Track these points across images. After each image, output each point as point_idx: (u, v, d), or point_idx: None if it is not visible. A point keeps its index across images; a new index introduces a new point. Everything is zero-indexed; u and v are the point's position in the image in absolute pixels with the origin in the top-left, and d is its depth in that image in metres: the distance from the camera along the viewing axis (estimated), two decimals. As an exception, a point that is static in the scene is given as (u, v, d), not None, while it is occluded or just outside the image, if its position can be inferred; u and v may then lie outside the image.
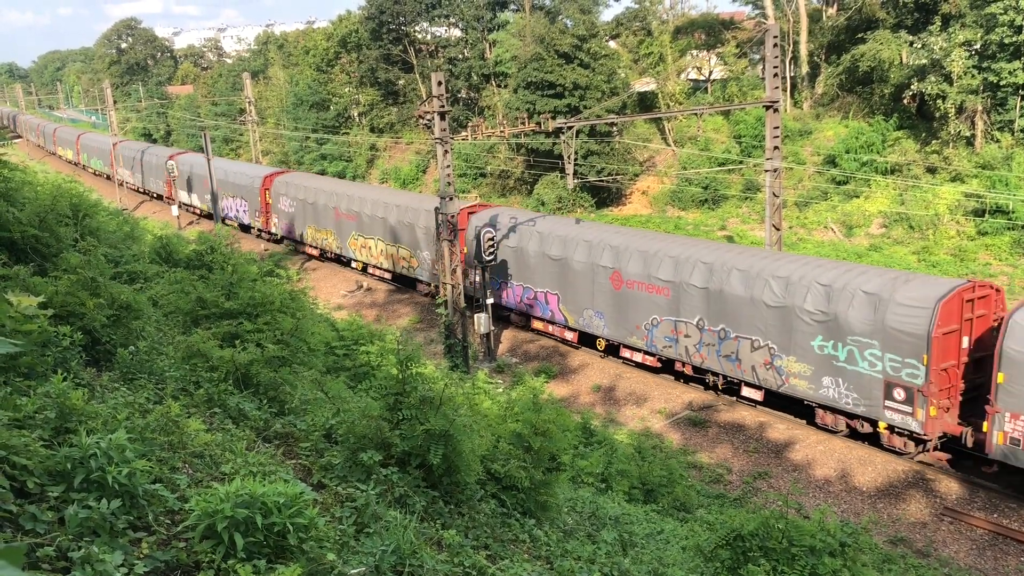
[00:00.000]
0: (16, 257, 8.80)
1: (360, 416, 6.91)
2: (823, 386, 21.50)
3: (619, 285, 26.67)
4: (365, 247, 39.70)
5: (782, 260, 23.58)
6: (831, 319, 20.94)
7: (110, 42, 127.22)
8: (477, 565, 5.75)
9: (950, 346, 19.55)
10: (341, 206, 40.67)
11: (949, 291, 19.54)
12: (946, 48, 38.28)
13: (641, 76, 58.01)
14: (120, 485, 4.23)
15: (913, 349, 19.42)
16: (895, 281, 20.64)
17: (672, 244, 26.56)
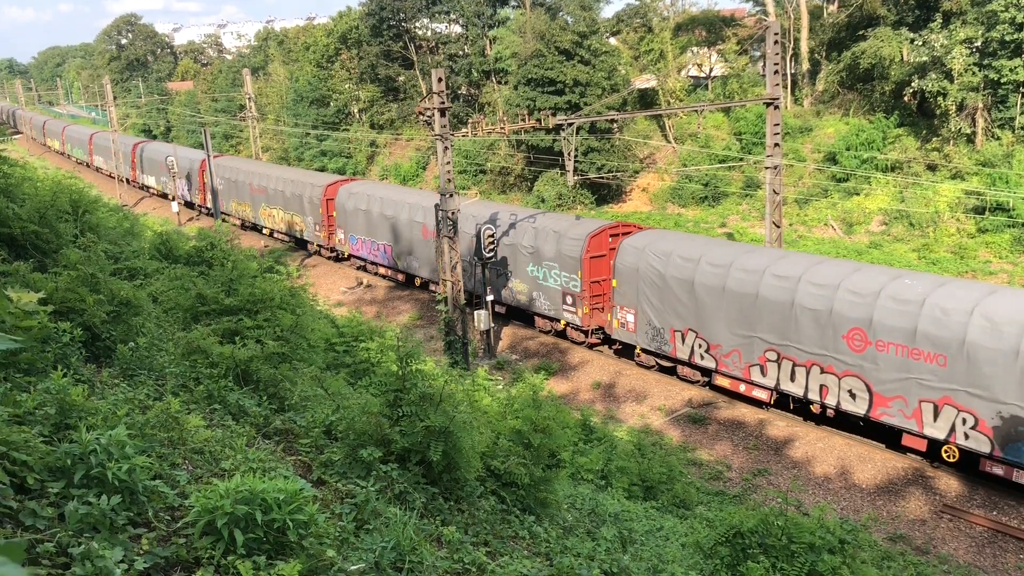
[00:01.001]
0: (16, 253, 8.80)
1: (360, 413, 6.91)
2: (535, 299, 30.64)
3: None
4: (271, 216, 47.86)
5: (535, 216, 32.39)
6: (536, 251, 30.13)
7: (110, 38, 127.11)
8: (477, 562, 5.76)
9: (599, 266, 28.15)
10: (254, 183, 48.72)
11: (598, 228, 28.80)
12: (947, 45, 38.24)
13: (642, 73, 57.96)
14: (120, 481, 4.23)
15: (574, 268, 28.51)
16: (569, 221, 30.42)
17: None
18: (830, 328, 21.13)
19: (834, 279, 21.49)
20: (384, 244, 38.41)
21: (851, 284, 21.08)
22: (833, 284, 21.34)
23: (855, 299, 20.72)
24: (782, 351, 22.41)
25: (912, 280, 20.78)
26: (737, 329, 23.58)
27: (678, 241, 27.06)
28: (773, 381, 22.91)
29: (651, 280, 25.95)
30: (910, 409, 19.80)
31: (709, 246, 26.24)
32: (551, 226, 30.20)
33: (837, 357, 21.06)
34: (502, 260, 31.38)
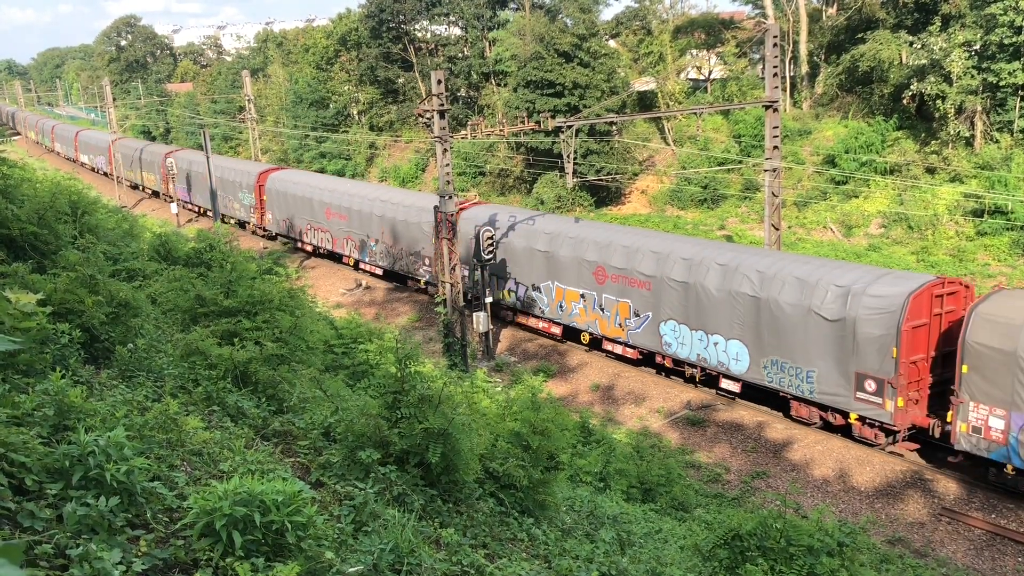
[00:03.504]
0: (15, 254, 8.80)
1: (359, 414, 6.91)
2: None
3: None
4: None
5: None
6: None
7: (109, 39, 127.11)
8: (475, 564, 5.75)
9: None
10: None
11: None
12: (946, 48, 38.28)
13: (641, 75, 58.00)
14: (118, 483, 4.23)
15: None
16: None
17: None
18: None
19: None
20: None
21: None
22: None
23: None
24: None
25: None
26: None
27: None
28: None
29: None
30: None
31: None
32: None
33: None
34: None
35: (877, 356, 20.13)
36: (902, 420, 20.20)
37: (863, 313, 20.28)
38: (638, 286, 26.09)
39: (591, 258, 27.39)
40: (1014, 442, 18.08)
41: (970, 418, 18.87)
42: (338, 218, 41.39)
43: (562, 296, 28.84)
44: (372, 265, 39.64)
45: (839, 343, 20.90)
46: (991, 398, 18.38)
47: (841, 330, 20.80)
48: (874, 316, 20.12)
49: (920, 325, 19.96)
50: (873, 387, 20.41)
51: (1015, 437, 18.04)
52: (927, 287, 20.10)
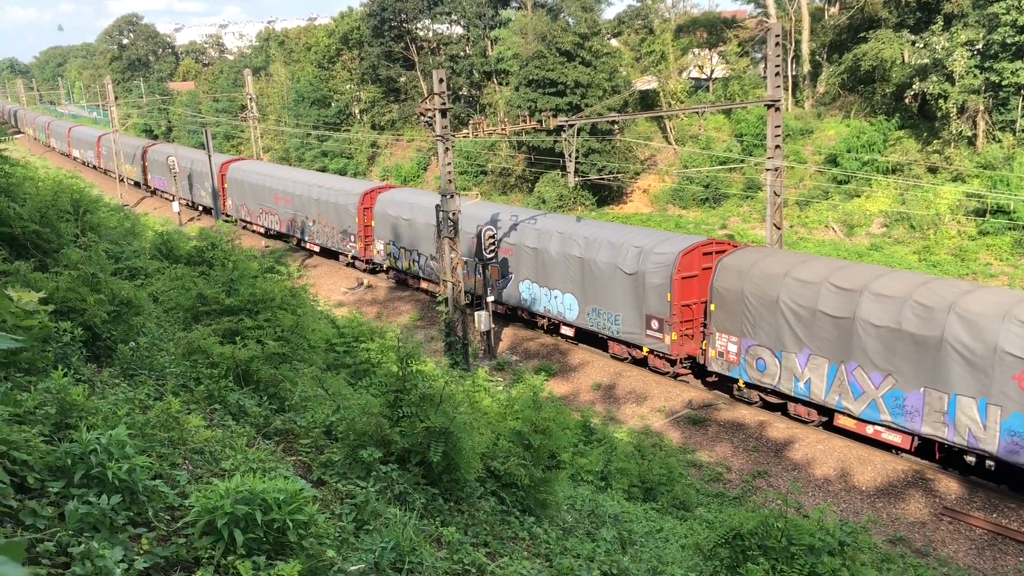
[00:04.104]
0: (17, 253, 8.81)
1: (360, 413, 6.91)
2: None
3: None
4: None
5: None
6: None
7: (111, 38, 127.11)
8: (476, 562, 5.76)
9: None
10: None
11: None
12: (948, 48, 38.24)
13: (643, 74, 57.97)
14: (120, 481, 4.23)
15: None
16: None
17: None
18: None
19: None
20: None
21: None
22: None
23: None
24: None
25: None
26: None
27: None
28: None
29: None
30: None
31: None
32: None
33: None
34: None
35: (658, 301, 25.34)
36: (677, 351, 25.41)
37: (649, 267, 25.49)
38: (504, 252, 30.71)
39: (471, 231, 31.10)
40: (743, 362, 23.60)
41: (717, 345, 24.25)
42: (284, 202, 45.52)
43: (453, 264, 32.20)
44: (311, 243, 44.19)
45: (635, 292, 26.02)
46: (729, 329, 23.78)
47: (636, 281, 25.94)
48: (656, 269, 25.29)
49: (690, 276, 25.03)
50: (657, 325, 25.59)
51: (743, 358, 23.54)
52: (697, 246, 25.39)
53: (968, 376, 18.46)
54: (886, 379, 20.12)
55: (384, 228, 37.74)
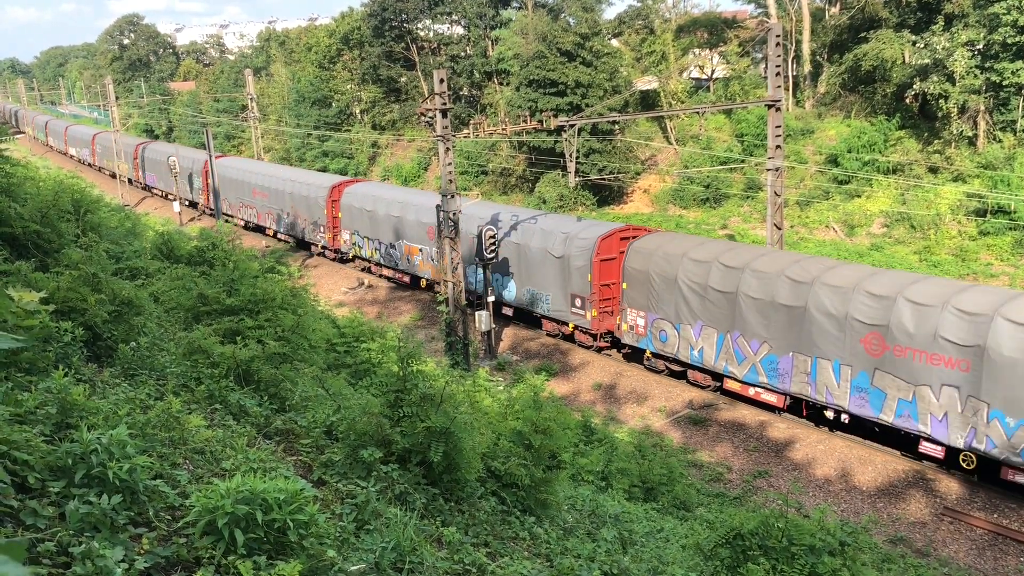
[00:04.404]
0: (18, 253, 8.81)
1: (361, 413, 6.91)
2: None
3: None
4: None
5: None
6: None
7: (112, 38, 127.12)
8: (477, 562, 5.76)
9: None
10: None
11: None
12: (949, 48, 38.23)
13: (643, 74, 57.96)
14: (121, 481, 4.24)
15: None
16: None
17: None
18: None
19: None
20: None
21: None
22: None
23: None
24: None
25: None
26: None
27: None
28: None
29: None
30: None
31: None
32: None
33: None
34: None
35: (581, 281, 28.04)
36: (598, 326, 28.18)
37: (573, 251, 28.17)
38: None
39: (426, 220, 34.31)
40: (649, 334, 26.49)
41: (628, 320, 27.02)
42: (261, 196, 48.14)
43: (409, 251, 36.75)
44: (284, 234, 46.78)
45: (562, 273, 28.74)
46: (638, 305, 26.62)
47: (563, 264, 28.58)
48: (579, 252, 27.97)
49: (609, 259, 27.54)
50: (580, 303, 28.34)
51: (649, 330, 26.42)
52: (615, 232, 28.15)
53: (826, 341, 21.31)
54: (763, 345, 23.00)
55: (350, 219, 40.58)
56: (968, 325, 18.71)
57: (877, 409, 20.59)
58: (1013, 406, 18.09)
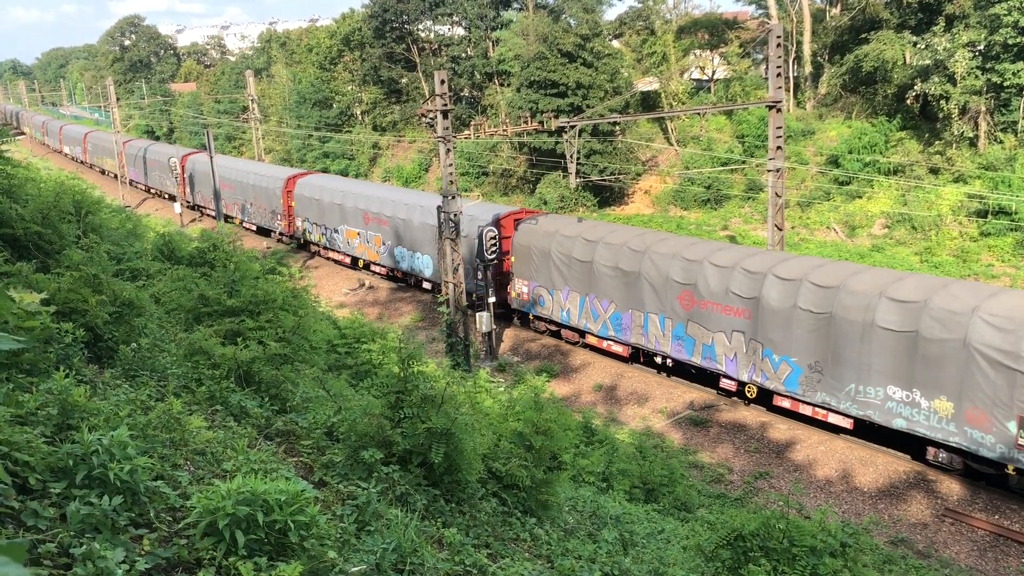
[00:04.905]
0: (19, 254, 8.81)
1: (362, 414, 6.91)
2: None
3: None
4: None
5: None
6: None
7: (113, 39, 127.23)
8: (478, 563, 5.76)
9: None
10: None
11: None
12: (950, 49, 38.21)
13: (644, 75, 57.96)
14: (122, 482, 4.24)
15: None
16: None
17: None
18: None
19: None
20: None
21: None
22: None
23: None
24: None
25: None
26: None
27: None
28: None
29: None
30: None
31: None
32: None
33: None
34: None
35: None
36: (499, 297, 31.55)
37: (473, 232, 31.44)
38: (383, 224, 38.38)
39: (362, 207, 39.56)
40: (531, 300, 30.84)
41: (516, 288, 31.32)
42: (228, 189, 51.17)
43: (349, 235, 41.14)
44: (249, 223, 50.43)
45: (470, 250, 31.79)
46: (523, 275, 30.78)
47: (470, 242, 31.60)
48: (476, 232, 31.04)
49: (506, 237, 31.41)
50: (481, 278, 31.19)
51: (531, 296, 30.69)
52: (511, 214, 32.53)
53: (654, 299, 25.88)
54: (610, 304, 27.52)
55: (302, 207, 44.78)
56: (750, 281, 23.05)
57: (690, 353, 25.13)
58: (778, 345, 22.47)
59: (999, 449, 18.46)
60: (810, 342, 21.65)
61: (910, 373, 19.72)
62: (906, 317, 19.70)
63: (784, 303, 22.00)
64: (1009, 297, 19.51)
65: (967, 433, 18.95)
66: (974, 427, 18.81)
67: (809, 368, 21.84)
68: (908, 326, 19.64)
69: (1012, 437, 18.19)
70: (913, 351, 19.55)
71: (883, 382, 20.34)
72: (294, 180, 45.79)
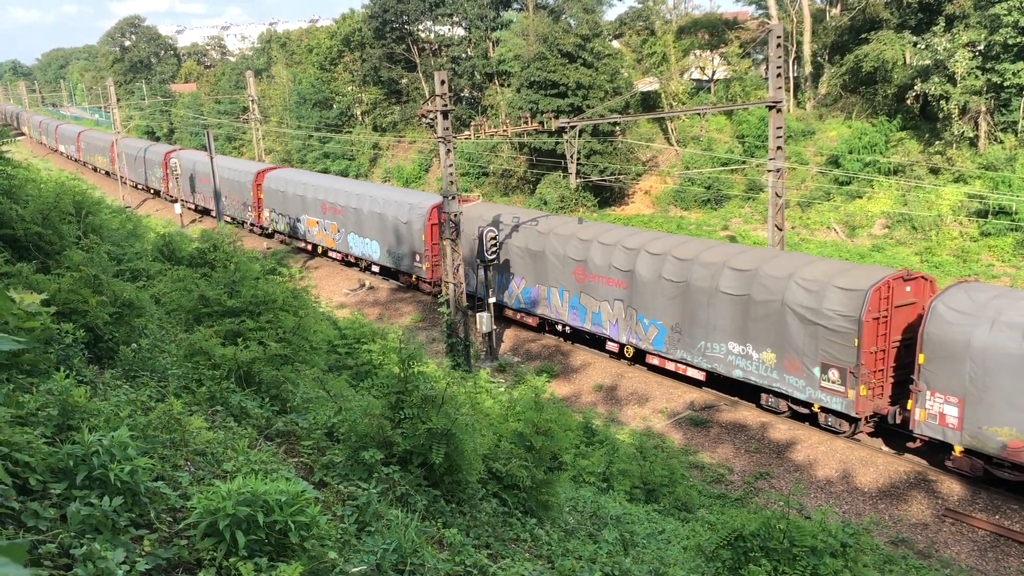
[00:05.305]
0: (19, 254, 8.81)
1: (362, 415, 6.91)
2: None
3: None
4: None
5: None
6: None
7: (113, 40, 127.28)
8: (478, 564, 5.76)
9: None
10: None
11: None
12: (950, 49, 38.22)
13: (644, 76, 57.96)
14: (122, 483, 4.24)
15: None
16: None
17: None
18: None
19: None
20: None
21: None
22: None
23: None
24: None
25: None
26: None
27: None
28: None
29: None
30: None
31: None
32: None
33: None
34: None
35: (419, 242, 36.11)
36: (431, 276, 35.35)
37: (414, 218, 36.13)
38: (338, 213, 41.83)
39: (320, 197, 43.15)
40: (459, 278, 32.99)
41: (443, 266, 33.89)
42: (205, 183, 53.58)
43: (310, 223, 44.58)
44: (224, 215, 51.91)
45: (409, 236, 36.73)
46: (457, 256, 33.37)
47: (409, 228, 36.57)
48: (417, 219, 35.98)
49: (434, 224, 34.40)
50: (418, 258, 36.28)
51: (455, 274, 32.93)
52: (434, 208, 34.72)
53: (557, 274, 29.29)
54: (521, 281, 31.05)
55: (269, 199, 48.05)
56: (627, 257, 26.62)
57: (583, 321, 28.75)
58: (648, 311, 26.20)
59: (808, 391, 22.21)
60: (671, 307, 25.39)
61: (745, 330, 23.38)
62: (742, 283, 23.34)
63: (652, 274, 25.77)
64: (820, 264, 23.42)
65: (786, 379, 22.68)
66: (790, 374, 22.55)
67: (671, 329, 25.65)
68: (743, 291, 23.28)
69: (816, 380, 21.91)
70: (747, 312, 23.17)
71: (725, 339, 24.06)
72: (263, 174, 48.91)
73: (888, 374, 21.15)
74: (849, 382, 21.05)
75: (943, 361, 19.26)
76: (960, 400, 19.13)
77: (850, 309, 20.72)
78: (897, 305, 20.92)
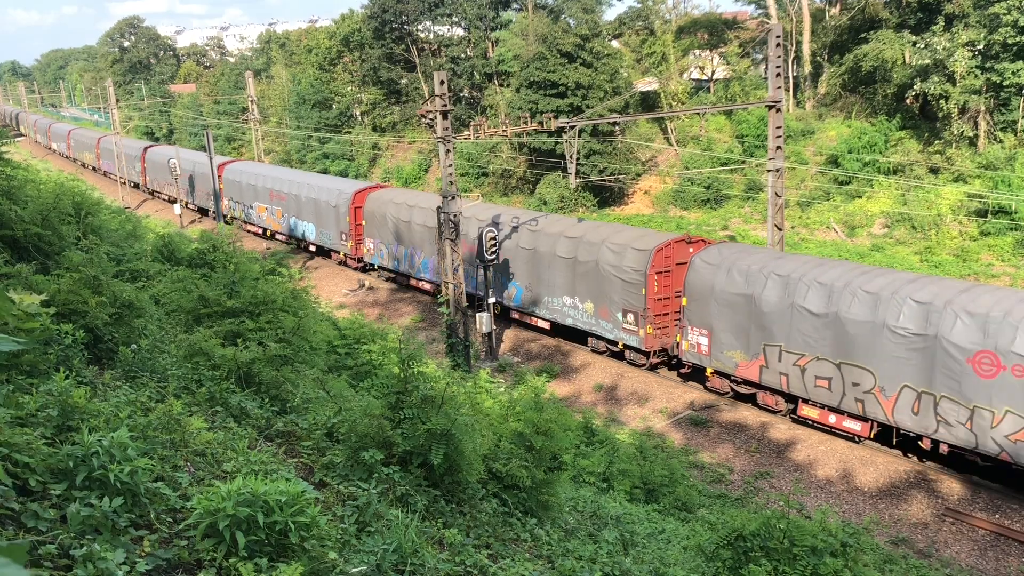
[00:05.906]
0: (19, 255, 8.81)
1: (362, 415, 6.91)
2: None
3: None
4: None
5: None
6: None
7: (113, 40, 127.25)
8: (478, 564, 5.76)
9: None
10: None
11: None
12: (949, 48, 38.22)
13: (644, 76, 57.97)
14: (122, 483, 4.23)
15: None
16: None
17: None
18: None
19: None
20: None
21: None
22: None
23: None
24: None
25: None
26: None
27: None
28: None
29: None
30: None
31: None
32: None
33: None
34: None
35: (344, 223, 40.93)
36: (355, 253, 40.87)
37: (341, 202, 40.86)
38: (282, 199, 46.26)
39: (268, 186, 47.49)
40: (377, 254, 39.54)
41: (367, 246, 40.10)
42: (183, 177, 57.86)
43: (260, 210, 49.13)
44: (194, 205, 57.18)
45: (336, 218, 41.46)
46: (372, 236, 39.54)
47: (337, 212, 41.20)
48: (343, 203, 40.82)
49: (358, 207, 40.00)
50: (343, 237, 41.13)
51: (377, 252, 39.51)
52: (366, 189, 41.11)
53: (423, 243, 35.22)
54: (421, 253, 35.90)
55: (229, 189, 52.00)
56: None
57: (474, 287, 31.80)
58: (511, 276, 31.25)
59: (615, 332, 27.55)
60: (526, 270, 30.73)
61: (573, 286, 28.83)
62: (571, 248, 28.84)
63: (512, 244, 30.98)
64: (626, 231, 29.18)
65: (600, 324, 28.01)
66: (603, 319, 27.89)
67: (526, 288, 30.88)
68: (571, 254, 28.75)
69: (620, 323, 27.29)
70: (575, 271, 28.58)
71: (561, 294, 29.47)
72: (224, 166, 53.00)
73: (673, 318, 26.34)
74: (640, 323, 26.50)
75: (698, 302, 24.86)
76: (709, 332, 24.68)
77: (640, 265, 26.25)
78: (679, 263, 26.13)
